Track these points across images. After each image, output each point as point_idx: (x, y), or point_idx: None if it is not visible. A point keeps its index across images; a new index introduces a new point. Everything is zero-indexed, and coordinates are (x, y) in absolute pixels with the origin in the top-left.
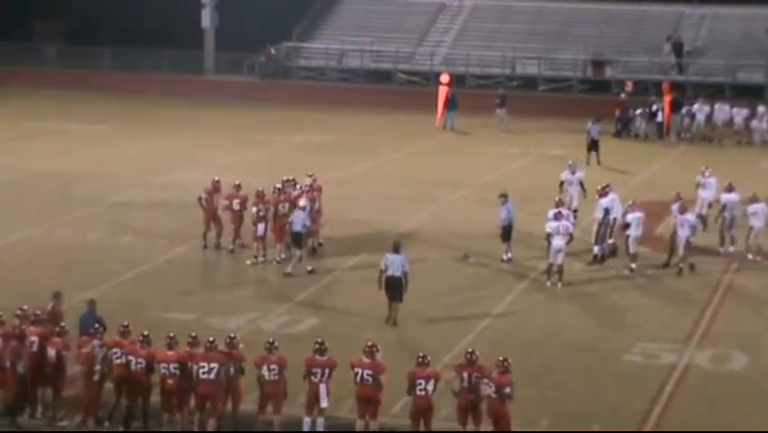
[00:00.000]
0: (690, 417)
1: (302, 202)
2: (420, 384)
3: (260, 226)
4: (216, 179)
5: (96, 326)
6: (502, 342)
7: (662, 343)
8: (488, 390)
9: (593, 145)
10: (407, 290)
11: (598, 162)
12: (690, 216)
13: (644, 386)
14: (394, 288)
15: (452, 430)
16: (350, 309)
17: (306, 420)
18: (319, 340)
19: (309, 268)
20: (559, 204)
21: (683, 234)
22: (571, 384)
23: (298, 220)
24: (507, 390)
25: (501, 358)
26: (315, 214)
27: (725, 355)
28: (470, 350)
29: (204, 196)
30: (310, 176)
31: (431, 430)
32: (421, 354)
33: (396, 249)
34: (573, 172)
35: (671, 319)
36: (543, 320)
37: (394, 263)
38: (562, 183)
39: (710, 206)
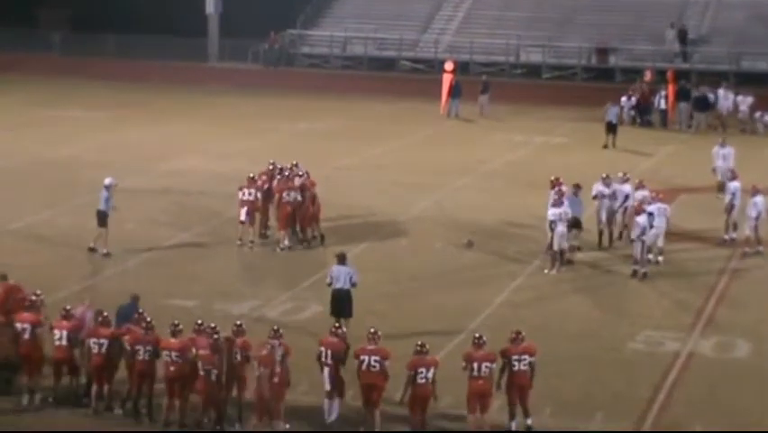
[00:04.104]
0: (693, 404)
1: (108, 180)
2: (421, 373)
3: (243, 211)
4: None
5: (141, 311)
6: (505, 329)
7: (665, 331)
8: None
9: (610, 128)
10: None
11: (614, 145)
12: (641, 219)
13: (647, 374)
14: (341, 302)
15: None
16: None
17: (325, 401)
18: (336, 324)
19: (105, 251)
20: (555, 184)
21: (633, 234)
22: (575, 372)
23: (101, 198)
24: (534, 359)
25: (515, 331)
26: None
27: (728, 343)
28: (477, 335)
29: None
30: (295, 165)
31: (425, 417)
32: (419, 343)
33: (341, 260)
34: (608, 186)
35: (674, 307)
36: (546, 308)
37: (340, 276)
38: (595, 196)
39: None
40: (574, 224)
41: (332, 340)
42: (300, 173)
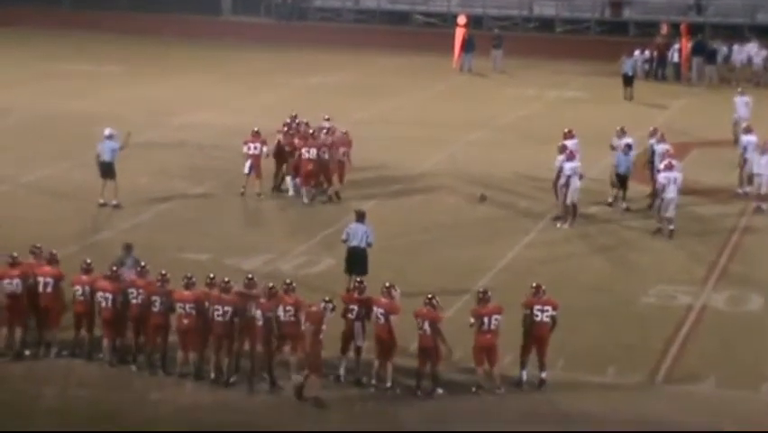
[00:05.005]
0: (706, 357)
1: (107, 131)
2: (418, 323)
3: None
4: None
5: (144, 264)
6: (519, 283)
7: (678, 285)
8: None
9: (627, 80)
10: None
11: (631, 97)
12: (662, 177)
13: (660, 327)
14: (356, 260)
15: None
16: None
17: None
18: (359, 279)
19: (114, 202)
20: (567, 136)
21: (671, 193)
22: (588, 325)
23: (106, 149)
24: (556, 313)
25: (536, 285)
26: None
27: (741, 297)
28: (481, 289)
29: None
30: (327, 119)
31: (437, 370)
32: (429, 295)
33: (360, 218)
34: (620, 137)
35: (687, 262)
36: (559, 262)
37: (357, 234)
38: (614, 149)
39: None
40: (621, 182)
41: (357, 297)
42: (323, 129)
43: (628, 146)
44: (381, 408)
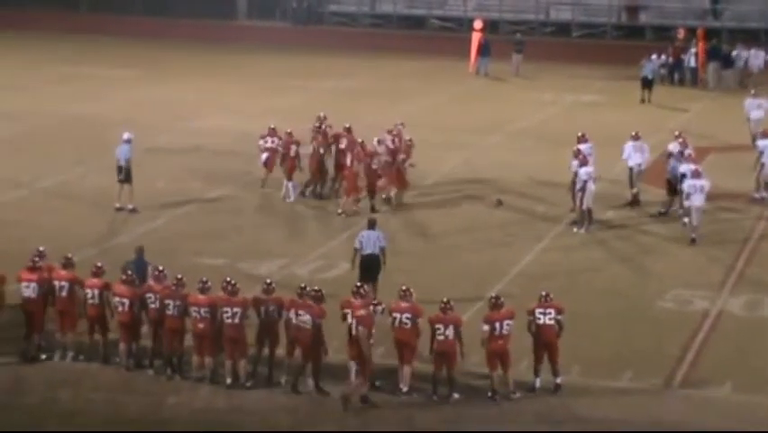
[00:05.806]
0: (722, 363)
1: (126, 135)
2: (439, 329)
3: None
4: (348, 125)
5: (162, 269)
6: (534, 288)
7: (695, 289)
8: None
9: (646, 84)
10: (385, 267)
11: (650, 101)
12: (704, 181)
13: (676, 332)
14: (370, 267)
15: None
16: None
17: (351, 364)
18: (357, 284)
19: (131, 206)
20: (581, 140)
21: (697, 201)
22: (603, 331)
23: (124, 153)
24: (561, 317)
25: (544, 293)
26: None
27: (758, 302)
28: (493, 295)
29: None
30: (401, 124)
31: (452, 375)
32: (444, 300)
33: (371, 225)
34: (636, 138)
35: (704, 266)
36: (574, 266)
37: (370, 240)
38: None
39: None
40: (674, 189)
41: (353, 302)
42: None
43: (681, 153)
44: (398, 412)
